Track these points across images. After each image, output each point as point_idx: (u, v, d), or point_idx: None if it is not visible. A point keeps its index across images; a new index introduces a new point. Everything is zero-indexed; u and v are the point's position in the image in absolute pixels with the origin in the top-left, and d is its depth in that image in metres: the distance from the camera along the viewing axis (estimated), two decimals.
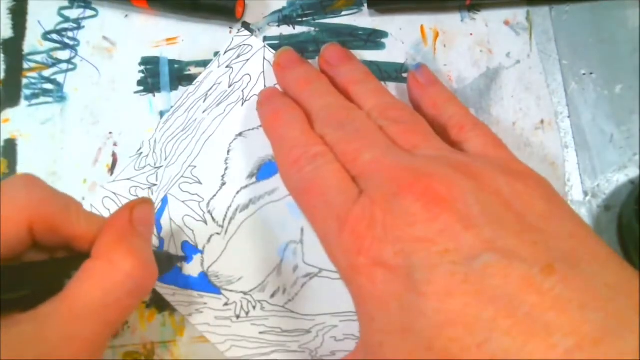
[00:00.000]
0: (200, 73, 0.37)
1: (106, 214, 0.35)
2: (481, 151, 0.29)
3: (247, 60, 0.36)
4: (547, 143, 0.34)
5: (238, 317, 0.33)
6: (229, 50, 0.36)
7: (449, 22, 0.36)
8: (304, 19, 0.37)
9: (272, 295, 0.33)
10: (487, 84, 0.35)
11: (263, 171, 0.34)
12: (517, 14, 0.36)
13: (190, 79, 0.37)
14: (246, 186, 0.34)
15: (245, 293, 0.33)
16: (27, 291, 0.24)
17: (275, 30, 0.37)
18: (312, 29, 0.37)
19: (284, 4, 0.38)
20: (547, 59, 0.35)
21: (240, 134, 0.35)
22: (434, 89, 0.33)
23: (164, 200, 0.35)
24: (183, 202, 0.34)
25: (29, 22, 0.39)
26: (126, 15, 0.38)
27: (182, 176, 0.35)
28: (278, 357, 0.32)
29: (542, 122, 0.34)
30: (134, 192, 0.35)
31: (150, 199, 0.29)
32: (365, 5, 0.37)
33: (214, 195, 0.34)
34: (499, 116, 0.35)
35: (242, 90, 0.36)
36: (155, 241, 0.34)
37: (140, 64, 0.37)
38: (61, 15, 0.39)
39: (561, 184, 0.33)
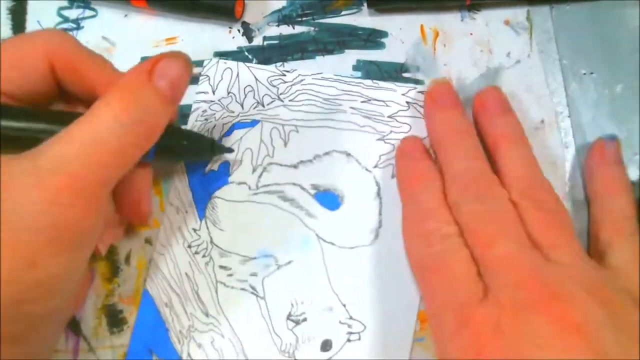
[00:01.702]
0: (200, 73, 0.36)
1: None
2: (623, 267, 0.28)
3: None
4: (547, 143, 0.34)
5: None
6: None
7: (449, 21, 0.36)
8: (304, 18, 0.37)
9: None
10: (487, 84, 0.35)
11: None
12: (517, 14, 0.36)
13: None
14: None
15: None
16: (34, 133, 0.25)
17: (274, 30, 0.37)
18: (312, 28, 0.37)
19: (284, 3, 0.38)
20: (547, 59, 0.35)
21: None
22: (615, 170, 0.32)
23: None
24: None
25: (29, 22, 0.39)
26: (125, 15, 0.38)
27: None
28: None
29: (542, 122, 0.34)
30: None
31: (185, 55, 0.28)
32: (365, 4, 0.37)
33: None
34: None
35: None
36: None
37: None
38: (60, 16, 0.39)
39: (561, 184, 0.33)
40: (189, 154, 0.33)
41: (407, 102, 0.35)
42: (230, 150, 0.34)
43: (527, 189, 0.29)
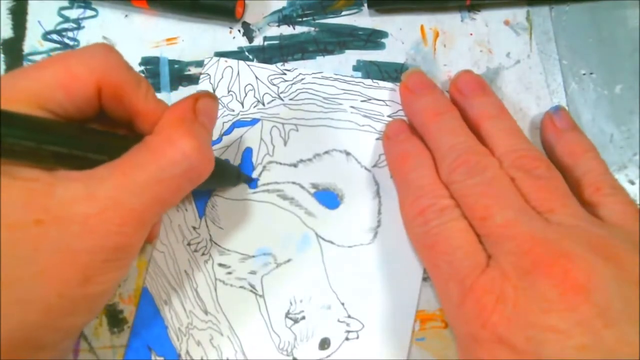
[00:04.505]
0: (200, 73, 0.37)
1: None
2: (617, 221, 0.28)
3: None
4: None
5: None
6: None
7: (449, 22, 0.37)
8: (304, 19, 0.37)
9: None
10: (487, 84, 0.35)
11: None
12: (517, 14, 0.36)
13: (190, 79, 0.37)
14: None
15: None
16: (83, 152, 0.24)
17: (275, 30, 0.37)
18: (312, 29, 0.37)
19: (284, 4, 0.38)
20: (547, 59, 0.35)
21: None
22: (571, 136, 0.32)
23: None
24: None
25: (29, 22, 0.39)
26: (126, 15, 0.39)
27: None
28: None
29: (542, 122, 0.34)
30: None
31: (215, 95, 0.28)
32: (365, 5, 0.37)
33: None
34: None
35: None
36: None
37: (140, 64, 0.37)
38: (61, 16, 0.39)
39: None
40: (218, 183, 0.33)
41: None
42: (252, 179, 0.34)
43: (517, 160, 0.29)
